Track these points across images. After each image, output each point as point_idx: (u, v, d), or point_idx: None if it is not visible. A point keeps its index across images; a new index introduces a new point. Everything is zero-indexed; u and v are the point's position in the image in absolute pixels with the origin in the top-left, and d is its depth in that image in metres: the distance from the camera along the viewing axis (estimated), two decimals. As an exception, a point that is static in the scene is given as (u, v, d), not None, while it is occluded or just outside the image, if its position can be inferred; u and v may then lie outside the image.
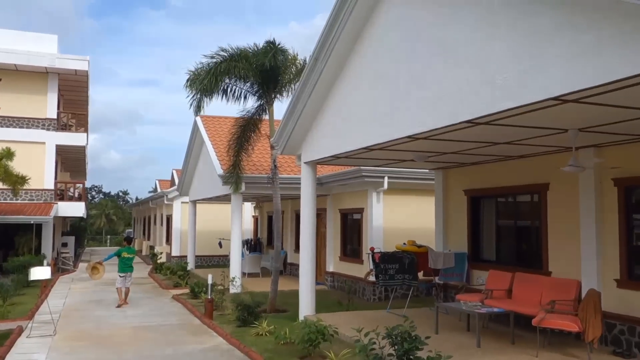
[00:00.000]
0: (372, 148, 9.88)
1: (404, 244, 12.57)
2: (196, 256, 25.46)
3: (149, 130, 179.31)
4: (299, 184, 18.10)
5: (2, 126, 25.91)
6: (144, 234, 42.53)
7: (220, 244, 25.99)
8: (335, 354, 8.21)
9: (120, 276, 15.30)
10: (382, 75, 9.19)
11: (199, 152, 22.72)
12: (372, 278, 14.03)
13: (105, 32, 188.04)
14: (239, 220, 17.74)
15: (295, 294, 16.60)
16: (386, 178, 15.73)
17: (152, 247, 36.35)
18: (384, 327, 7.22)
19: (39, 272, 11.46)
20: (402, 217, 16.43)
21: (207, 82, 13.19)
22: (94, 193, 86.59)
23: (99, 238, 67.41)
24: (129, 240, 18.70)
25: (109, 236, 66.76)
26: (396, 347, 6.41)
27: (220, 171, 17.49)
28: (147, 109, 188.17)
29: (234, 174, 16.13)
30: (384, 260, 11.88)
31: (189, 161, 23.87)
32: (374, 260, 12.12)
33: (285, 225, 23.58)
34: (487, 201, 12.37)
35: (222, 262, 28.80)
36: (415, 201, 16.67)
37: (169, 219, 31.11)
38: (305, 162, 12.22)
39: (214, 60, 13.73)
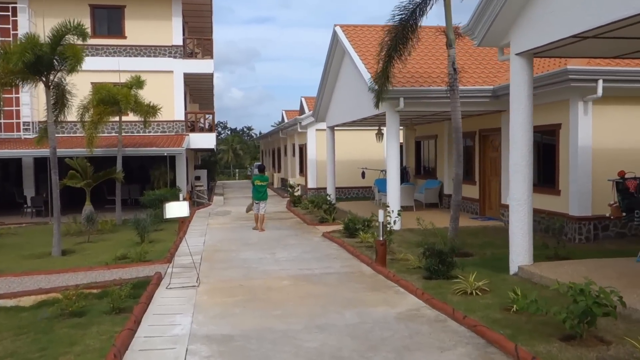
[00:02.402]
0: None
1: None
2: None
3: (267, 67, 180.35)
4: (476, 97, 14.55)
5: (129, 56, 24.82)
6: (273, 166, 41.19)
7: (363, 174, 23.28)
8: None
9: (255, 203, 15.79)
10: None
11: (339, 68, 19.64)
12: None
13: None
14: (396, 143, 14.57)
15: (468, 232, 13.46)
16: (600, 82, 11.61)
17: (283, 180, 34.75)
18: None
19: (176, 209, 9.20)
20: (623, 135, 12.32)
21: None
22: (220, 129, 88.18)
23: (227, 172, 68.51)
24: (261, 169, 17.35)
25: (237, 170, 67.67)
26: None
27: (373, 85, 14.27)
28: (264, 46, 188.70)
29: (383, 83, 12.81)
30: (644, 190, 8.19)
31: (325, 82, 20.92)
32: (622, 189, 8.47)
33: (440, 151, 20.17)
34: None
35: (361, 194, 26.22)
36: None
37: (302, 149, 28.90)
38: (517, 54, 8.56)
39: None
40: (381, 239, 9.84)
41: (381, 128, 21.12)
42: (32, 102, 23.93)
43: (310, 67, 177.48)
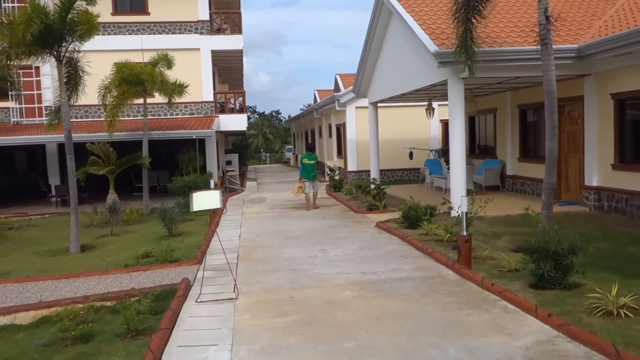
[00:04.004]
0: None
1: None
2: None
3: (293, 50, 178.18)
4: (556, 58, 11.92)
5: (153, 33, 23.11)
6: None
7: (410, 155, 21.10)
8: None
9: (305, 182, 15.80)
10: None
11: (384, 36, 17.36)
12: None
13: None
14: (460, 115, 12.30)
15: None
16: None
17: (319, 162, 32.74)
18: None
19: (205, 200, 7.21)
20: None
21: None
22: (249, 113, 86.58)
23: (257, 156, 67.00)
24: (310, 147, 16.97)
25: (267, 154, 66.16)
26: None
27: (433, 47, 12.02)
28: (290, 29, 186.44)
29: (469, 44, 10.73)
30: None
31: (368, 53, 18.65)
32: None
33: (501, 126, 17.83)
34: None
35: (406, 176, 24.03)
36: None
37: (339, 129, 26.77)
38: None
39: None
40: (465, 233, 7.74)
41: (432, 102, 18.88)
42: (53, 85, 22.40)
43: (337, 49, 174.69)
